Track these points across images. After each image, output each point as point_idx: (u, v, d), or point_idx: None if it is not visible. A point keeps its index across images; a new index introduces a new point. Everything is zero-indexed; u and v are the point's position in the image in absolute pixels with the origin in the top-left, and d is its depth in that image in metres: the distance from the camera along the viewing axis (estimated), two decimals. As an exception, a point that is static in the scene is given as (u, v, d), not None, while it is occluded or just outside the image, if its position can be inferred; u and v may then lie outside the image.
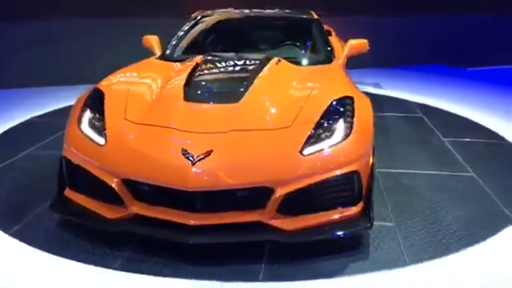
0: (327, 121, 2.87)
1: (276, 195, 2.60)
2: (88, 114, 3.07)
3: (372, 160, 2.95)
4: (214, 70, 3.71)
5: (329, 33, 5.45)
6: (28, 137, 4.81)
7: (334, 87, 3.38)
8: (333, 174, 2.69)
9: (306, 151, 2.69)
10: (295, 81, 3.45)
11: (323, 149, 2.72)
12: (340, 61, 4.24)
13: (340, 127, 2.84)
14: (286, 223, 2.67)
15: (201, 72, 3.56)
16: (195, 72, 3.51)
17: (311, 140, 2.75)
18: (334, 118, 2.89)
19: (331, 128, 2.83)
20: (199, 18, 4.83)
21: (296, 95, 3.25)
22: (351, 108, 2.98)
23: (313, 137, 2.77)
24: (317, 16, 4.89)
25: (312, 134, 2.78)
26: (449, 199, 3.51)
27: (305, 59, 4.19)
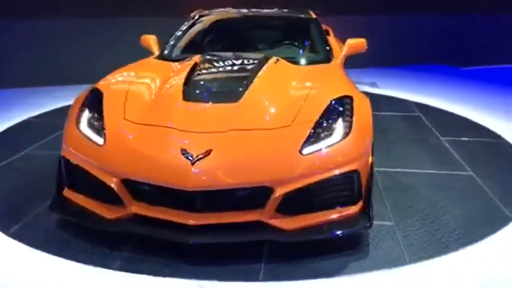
0: (326, 121, 2.86)
1: (275, 194, 2.60)
2: (86, 114, 3.06)
3: (371, 159, 2.95)
4: (213, 70, 3.70)
5: (327, 32, 5.45)
6: (25, 137, 4.79)
7: (333, 86, 3.38)
8: (332, 174, 2.69)
9: (305, 151, 2.69)
10: (294, 81, 3.45)
11: (322, 148, 2.72)
12: (338, 61, 4.23)
13: (339, 126, 2.84)
14: (285, 223, 2.67)
15: (200, 71, 3.55)
16: (194, 72, 3.50)
17: (311, 140, 2.75)
18: (334, 118, 2.89)
19: (331, 127, 2.83)
20: (197, 17, 4.82)
21: (295, 94, 3.25)
22: (350, 108, 2.98)
23: (312, 136, 2.77)
24: (315, 16, 4.89)
25: (311, 133, 2.78)
26: (448, 198, 3.51)
27: (303, 59, 4.19)
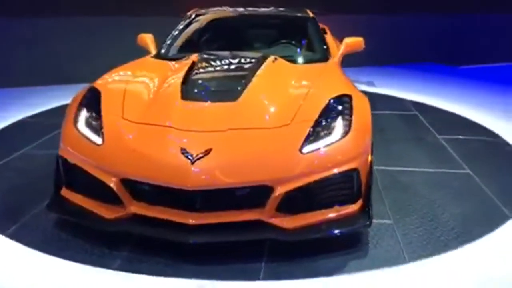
0: (325, 119, 2.86)
1: (275, 193, 2.60)
2: (84, 113, 3.04)
3: (370, 158, 2.96)
4: (211, 69, 3.69)
5: (324, 31, 5.44)
6: (22, 137, 4.77)
7: (332, 85, 3.38)
8: (332, 172, 2.69)
9: (305, 150, 2.69)
10: (292, 80, 3.45)
11: (322, 147, 2.72)
12: (336, 60, 4.23)
13: (338, 125, 2.84)
14: (286, 222, 2.67)
15: (198, 70, 3.54)
16: (192, 71, 3.49)
17: (310, 139, 2.75)
18: (333, 116, 2.89)
19: (330, 126, 2.83)
20: (194, 16, 4.80)
21: (294, 93, 3.25)
22: (349, 106, 2.98)
23: (312, 135, 2.76)
24: (312, 15, 4.89)
25: (311, 132, 2.77)
26: (446, 196, 3.52)
27: (301, 58, 4.19)
